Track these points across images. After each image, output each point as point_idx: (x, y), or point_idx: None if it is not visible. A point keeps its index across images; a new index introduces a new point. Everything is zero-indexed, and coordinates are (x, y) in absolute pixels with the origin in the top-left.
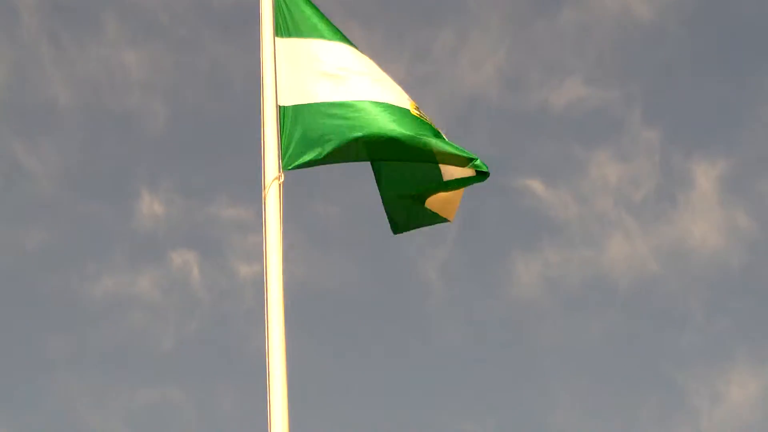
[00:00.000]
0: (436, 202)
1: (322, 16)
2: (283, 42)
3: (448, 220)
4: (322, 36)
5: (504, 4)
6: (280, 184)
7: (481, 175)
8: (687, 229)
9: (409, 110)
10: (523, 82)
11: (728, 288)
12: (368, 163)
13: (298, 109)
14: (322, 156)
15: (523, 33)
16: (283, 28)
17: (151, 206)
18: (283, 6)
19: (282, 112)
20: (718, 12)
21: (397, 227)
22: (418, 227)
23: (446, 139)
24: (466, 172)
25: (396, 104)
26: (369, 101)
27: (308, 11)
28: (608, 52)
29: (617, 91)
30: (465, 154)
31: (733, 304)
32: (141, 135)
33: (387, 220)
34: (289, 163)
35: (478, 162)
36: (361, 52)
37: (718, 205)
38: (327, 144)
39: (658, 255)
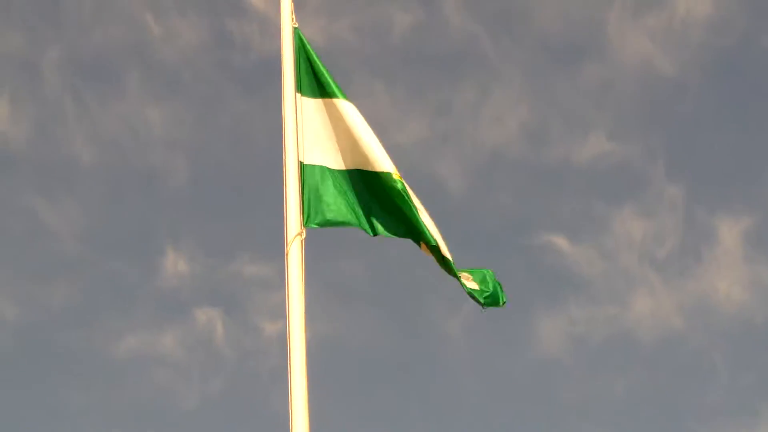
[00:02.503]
0: None
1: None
2: (305, 100)
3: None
4: (337, 95)
5: (526, 59)
6: (302, 241)
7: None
8: (711, 284)
9: (392, 174)
10: (546, 137)
11: (753, 344)
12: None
13: (319, 169)
14: (339, 222)
15: (545, 88)
16: (304, 86)
17: (175, 264)
18: (303, 64)
19: (303, 169)
20: (740, 66)
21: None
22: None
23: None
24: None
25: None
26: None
27: (322, 68)
28: (631, 106)
29: (640, 146)
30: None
31: (757, 360)
32: (164, 192)
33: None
34: (310, 220)
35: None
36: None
37: (742, 260)
38: (343, 216)
39: (682, 311)
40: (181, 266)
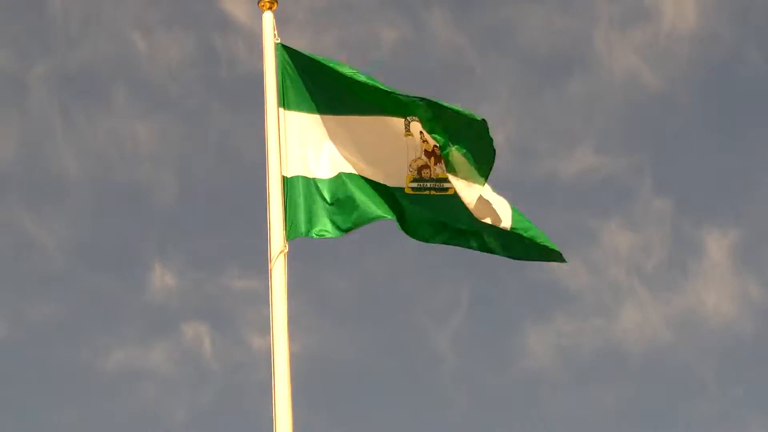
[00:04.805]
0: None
1: (324, 80)
2: (288, 114)
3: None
4: (320, 110)
5: (513, 73)
6: (285, 255)
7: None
8: (699, 298)
9: (403, 189)
10: (533, 151)
11: (741, 357)
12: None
13: (300, 180)
14: (324, 233)
15: (532, 103)
16: (287, 101)
17: (162, 278)
18: (287, 79)
19: (286, 183)
20: (727, 80)
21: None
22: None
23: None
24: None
25: (388, 184)
26: (360, 176)
27: (309, 82)
28: (617, 121)
29: (627, 160)
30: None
31: (745, 374)
32: (151, 207)
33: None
34: (293, 233)
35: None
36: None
37: (729, 274)
38: (328, 221)
39: (670, 324)
40: (169, 280)
